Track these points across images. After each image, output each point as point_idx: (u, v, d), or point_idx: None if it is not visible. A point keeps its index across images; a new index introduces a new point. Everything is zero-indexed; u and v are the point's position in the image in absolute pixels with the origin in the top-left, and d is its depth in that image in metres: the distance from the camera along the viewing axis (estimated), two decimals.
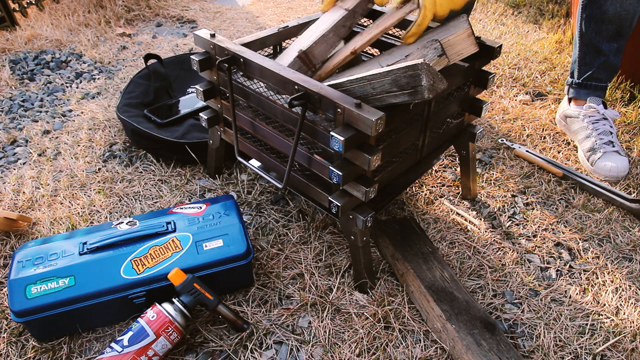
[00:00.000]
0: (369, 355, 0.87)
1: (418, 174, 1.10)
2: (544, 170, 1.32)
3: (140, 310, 0.88)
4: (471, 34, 0.91)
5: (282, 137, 0.92)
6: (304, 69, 0.96)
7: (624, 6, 1.26)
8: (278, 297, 0.97)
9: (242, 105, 1.00)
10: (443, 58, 0.84)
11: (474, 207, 1.20)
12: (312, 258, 1.05)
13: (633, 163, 1.34)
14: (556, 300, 0.98)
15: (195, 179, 1.26)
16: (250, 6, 2.51)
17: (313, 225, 1.12)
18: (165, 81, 1.52)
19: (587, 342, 0.90)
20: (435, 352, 0.88)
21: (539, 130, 1.48)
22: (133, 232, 0.92)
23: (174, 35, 2.15)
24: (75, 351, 0.87)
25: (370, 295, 0.97)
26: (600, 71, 1.38)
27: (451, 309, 0.90)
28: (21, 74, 1.78)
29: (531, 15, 2.31)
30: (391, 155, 0.91)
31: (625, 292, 1.00)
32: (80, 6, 2.28)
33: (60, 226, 1.12)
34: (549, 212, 1.19)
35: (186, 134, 1.29)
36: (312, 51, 0.96)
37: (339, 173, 0.79)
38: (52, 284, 0.85)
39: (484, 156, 1.37)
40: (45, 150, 1.39)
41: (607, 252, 1.09)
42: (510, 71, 1.79)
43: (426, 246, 1.04)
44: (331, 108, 0.76)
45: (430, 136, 0.98)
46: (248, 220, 1.15)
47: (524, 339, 0.91)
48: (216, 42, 0.93)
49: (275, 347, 0.88)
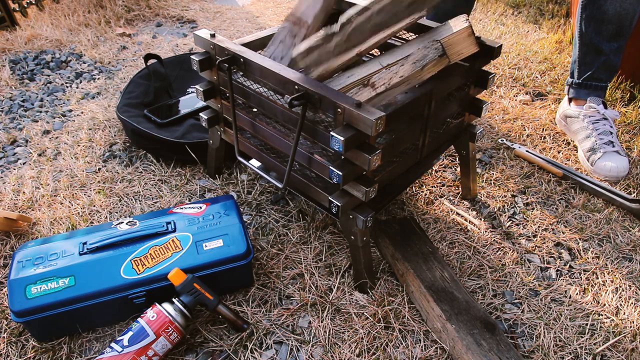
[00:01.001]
0: (369, 355, 0.87)
1: (418, 174, 1.10)
2: (544, 170, 1.32)
3: (140, 310, 0.88)
4: (471, 33, 0.91)
5: (282, 137, 0.92)
6: (295, 31, 0.93)
7: (623, 6, 1.26)
8: (278, 297, 0.97)
9: (242, 105, 1.00)
10: (444, 58, 0.84)
11: (474, 207, 1.20)
12: (312, 258, 1.05)
13: (633, 163, 1.34)
14: (556, 300, 0.98)
15: (195, 179, 1.26)
16: (250, 6, 2.51)
17: (313, 225, 1.12)
18: (165, 81, 1.52)
19: (587, 342, 0.90)
20: (435, 352, 0.88)
21: (539, 130, 1.48)
22: (133, 232, 0.92)
23: (174, 35, 2.15)
24: (75, 351, 0.87)
25: (370, 295, 0.97)
26: (601, 71, 1.38)
27: (451, 309, 0.90)
28: (21, 74, 1.78)
29: (531, 15, 2.31)
30: (391, 155, 0.91)
31: (625, 292, 1.00)
32: (80, 6, 2.28)
33: (60, 226, 1.12)
34: (549, 212, 1.19)
35: (186, 134, 1.29)
36: (298, 8, 0.93)
37: (339, 173, 0.79)
38: (52, 284, 0.85)
39: (484, 156, 1.37)
40: (45, 150, 1.39)
41: (607, 252, 1.09)
42: (510, 71, 1.79)
43: (426, 246, 1.04)
44: (331, 108, 0.76)
45: (430, 136, 0.98)
46: (248, 220, 1.15)
47: (524, 339, 0.91)
48: (216, 42, 0.93)
49: (275, 347, 0.88)
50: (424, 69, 0.83)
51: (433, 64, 0.83)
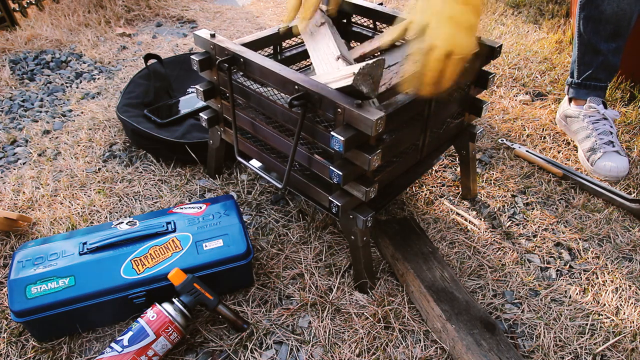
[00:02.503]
0: (369, 355, 0.87)
1: (418, 174, 1.10)
2: (544, 170, 1.32)
3: (140, 310, 0.88)
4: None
5: (282, 137, 0.92)
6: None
7: (620, 6, 1.26)
8: (278, 297, 0.97)
9: (242, 105, 1.00)
10: None
11: (474, 207, 1.20)
12: (312, 258, 1.05)
13: (633, 163, 1.34)
14: (556, 300, 0.98)
15: (195, 179, 1.26)
16: (250, 6, 2.51)
17: (313, 225, 1.12)
18: (165, 81, 1.52)
19: (587, 342, 0.90)
20: (435, 352, 0.88)
21: (539, 130, 1.48)
22: (133, 232, 0.92)
23: (174, 35, 2.15)
24: (75, 351, 0.87)
25: (370, 295, 0.97)
26: (599, 71, 1.38)
27: (451, 309, 0.90)
28: (21, 74, 1.78)
29: (531, 15, 2.31)
30: (391, 155, 0.91)
31: (625, 292, 1.00)
32: (80, 6, 2.28)
33: (60, 226, 1.12)
34: (549, 212, 1.19)
35: (186, 134, 1.29)
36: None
37: (339, 173, 0.79)
38: (52, 284, 0.85)
39: (484, 156, 1.37)
40: (45, 150, 1.39)
41: (607, 252, 1.09)
42: (510, 71, 1.79)
43: (426, 246, 1.04)
44: (331, 108, 0.76)
45: (430, 136, 0.98)
46: (248, 220, 1.15)
47: (524, 339, 0.91)
48: (216, 42, 0.93)
49: (275, 347, 0.88)
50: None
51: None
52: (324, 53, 0.94)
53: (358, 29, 1.21)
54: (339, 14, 1.20)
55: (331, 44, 0.94)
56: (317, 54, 0.95)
